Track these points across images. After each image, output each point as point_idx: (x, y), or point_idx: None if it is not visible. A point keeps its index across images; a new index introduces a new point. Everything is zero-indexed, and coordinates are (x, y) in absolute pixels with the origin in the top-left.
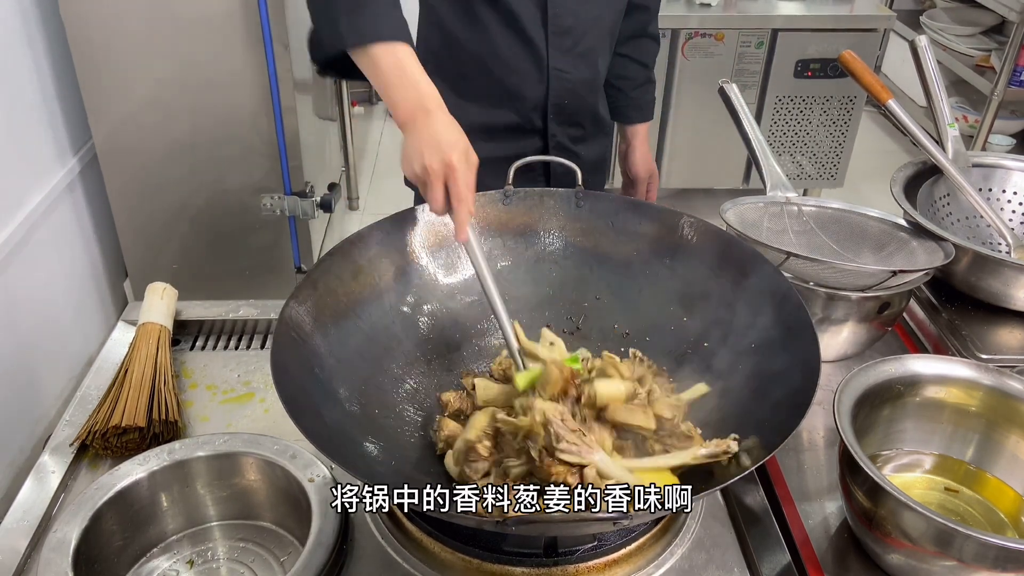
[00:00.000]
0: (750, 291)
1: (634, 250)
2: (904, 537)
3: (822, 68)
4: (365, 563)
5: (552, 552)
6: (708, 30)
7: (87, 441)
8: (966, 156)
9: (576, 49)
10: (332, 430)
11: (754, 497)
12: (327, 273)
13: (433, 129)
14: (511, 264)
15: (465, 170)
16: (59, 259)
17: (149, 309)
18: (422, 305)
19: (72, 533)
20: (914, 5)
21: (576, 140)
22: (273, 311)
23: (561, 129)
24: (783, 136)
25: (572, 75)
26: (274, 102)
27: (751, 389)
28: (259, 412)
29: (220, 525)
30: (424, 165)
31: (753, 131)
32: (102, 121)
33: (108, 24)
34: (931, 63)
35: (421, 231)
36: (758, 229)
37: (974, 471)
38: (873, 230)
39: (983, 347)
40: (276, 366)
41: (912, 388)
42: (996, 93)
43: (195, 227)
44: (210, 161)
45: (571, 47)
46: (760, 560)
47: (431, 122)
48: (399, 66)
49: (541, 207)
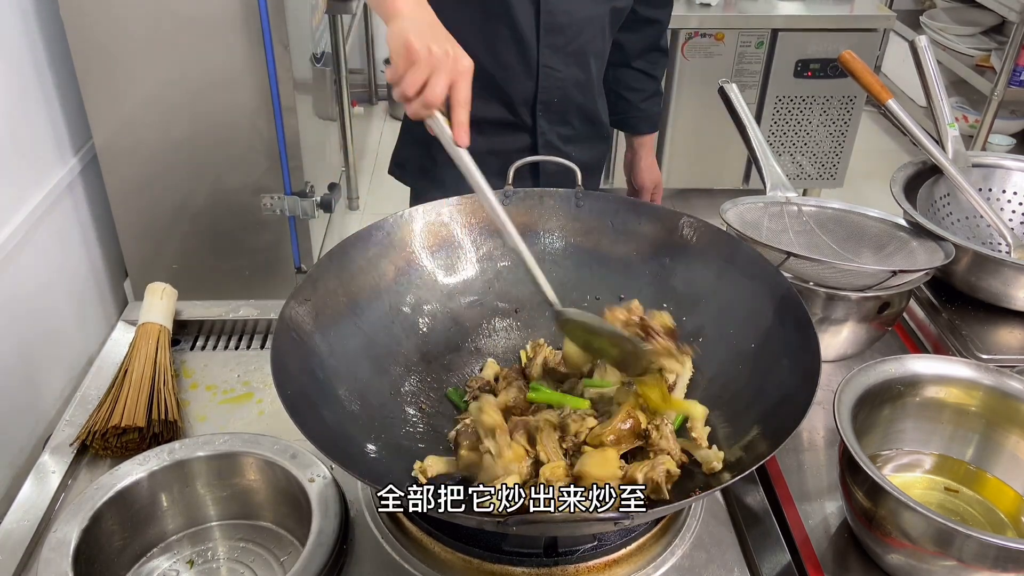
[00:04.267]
0: (750, 291)
1: (634, 250)
2: (904, 537)
3: (822, 68)
4: (365, 563)
5: (552, 552)
6: (708, 30)
7: (87, 441)
8: (966, 156)
9: (568, 48)
10: (332, 430)
11: (754, 497)
12: (327, 273)
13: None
14: (511, 264)
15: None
16: (59, 259)
17: (149, 309)
18: (422, 305)
19: (72, 533)
20: (914, 5)
21: (566, 139)
22: (273, 311)
23: (551, 127)
24: (783, 136)
25: (563, 73)
26: (274, 102)
27: (751, 389)
28: (258, 412)
29: (220, 525)
30: (430, 48)
31: (753, 131)
32: (102, 121)
33: (108, 24)
34: (931, 63)
35: (421, 231)
36: (758, 229)
37: (974, 471)
38: (873, 230)
39: (983, 347)
40: (276, 366)
41: (912, 388)
42: (996, 93)
43: (195, 227)
44: (210, 161)
45: (563, 45)
46: (760, 560)
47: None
48: None
49: (541, 207)
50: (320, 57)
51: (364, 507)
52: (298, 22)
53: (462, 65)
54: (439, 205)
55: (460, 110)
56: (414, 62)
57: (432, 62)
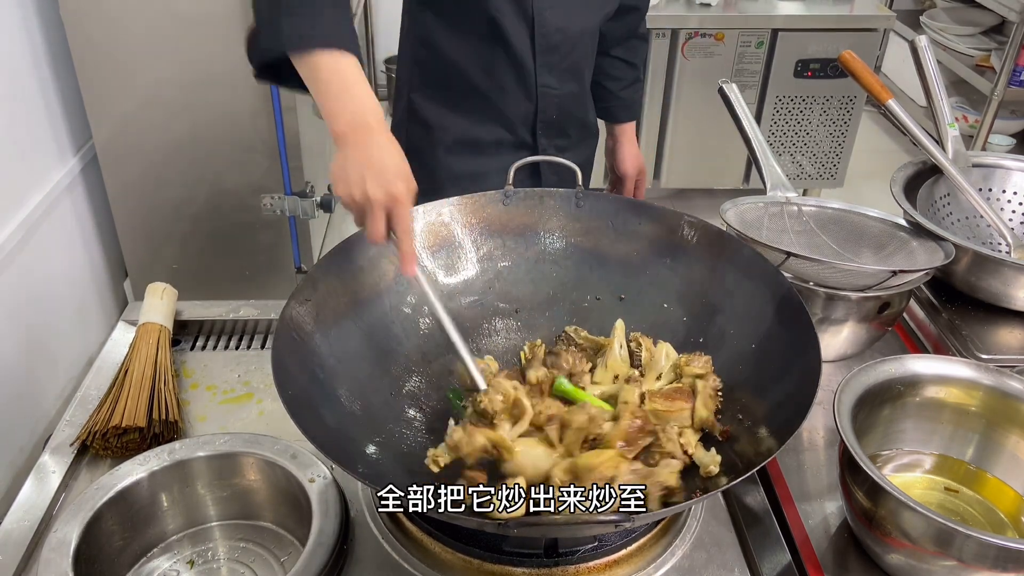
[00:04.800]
0: (750, 291)
1: (634, 250)
2: (904, 537)
3: (822, 68)
4: (365, 563)
5: (553, 553)
6: (708, 30)
7: (87, 441)
8: (966, 156)
9: (563, 65)
10: (332, 430)
11: (754, 497)
12: (327, 273)
13: (375, 151)
14: (511, 264)
15: (409, 201)
16: (59, 259)
17: (149, 309)
18: (422, 305)
19: (72, 533)
20: (914, 5)
21: (563, 148)
22: (273, 311)
23: (549, 142)
24: (783, 136)
25: (559, 90)
26: (274, 102)
27: (751, 389)
28: (258, 412)
29: (220, 525)
30: (366, 194)
31: (753, 131)
32: (102, 121)
33: (108, 24)
34: (931, 63)
35: (421, 231)
36: (758, 229)
37: (974, 471)
38: (873, 230)
39: (983, 347)
40: (276, 366)
41: (912, 388)
42: (996, 93)
43: (195, 227)
44: (210, 161)
45: (558, 63)
46: (760, 560)
47: (372, 142)
48: (341, 76)
49: (541, 207)
50: None
51: (364, 507)
52: None
53: (397, 193)
54: (439, 205)
55: (402, 240)
56: (362, 211)
57: (363, 204)
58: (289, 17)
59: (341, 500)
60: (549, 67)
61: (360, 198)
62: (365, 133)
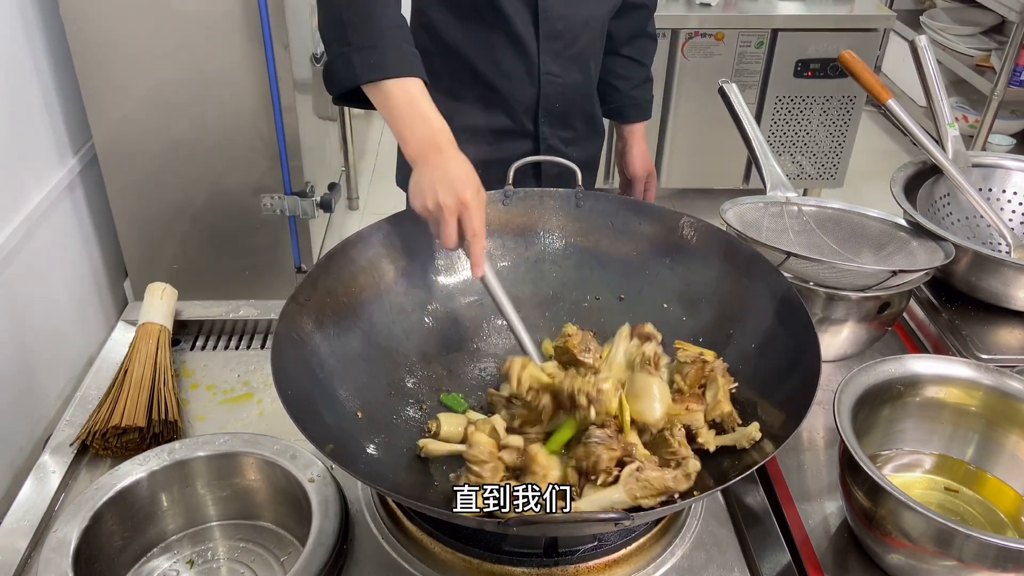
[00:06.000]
0: (750, 291)
1: (634, 250)
2: (904, 537)
3: (822, 68)
4: (365, 563)
5: (552, 552)
6: (708, 30)
7: (87, 441)
8: (966, 156)
9: (567, 53)
10: (332, 430)
11: (754, 497)
12: (327, 273)
13: (446, 166)
14: (511, 264)
15: (479, 206)
16: (59, 259)
17: (149, 309)
18: (422, 305)
19: (72, 533)
20: (914, 5)
21: (568, 142)
22: (273, 311)
23: (552, 132)
24: (783, 136)
25: (563, 79)
26: (274, 102)
27: (751, 389)
28: (258, 412)
29: (220, 525)
30: (438, 202)
31: (753, 131)
32: (102, 121)
33: (108, 24)
34: (931, 63)
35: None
36: (758, 229)
37: (974, 471)
38: (873, 230)
39: (983, 347)
40: (276, 366)
41: (912, 388)
42: (996, 93)
43: (195, 227)
44: (210, 161)
45: (562, 51)
46: (760, 560)
47: (443, 159)
48: (411, 102)
49: (541, 207)
50: (320, 57)
51: (364, 507)
52: (298, 22)
53: (466, 199)
54: None
55: (472, 244)
56: (425, 218)
57: (436, 212)
58: (358, 53)
59: (341, 500)
60: (553, 54)
61: (432, 207)
62: (436, 152)
